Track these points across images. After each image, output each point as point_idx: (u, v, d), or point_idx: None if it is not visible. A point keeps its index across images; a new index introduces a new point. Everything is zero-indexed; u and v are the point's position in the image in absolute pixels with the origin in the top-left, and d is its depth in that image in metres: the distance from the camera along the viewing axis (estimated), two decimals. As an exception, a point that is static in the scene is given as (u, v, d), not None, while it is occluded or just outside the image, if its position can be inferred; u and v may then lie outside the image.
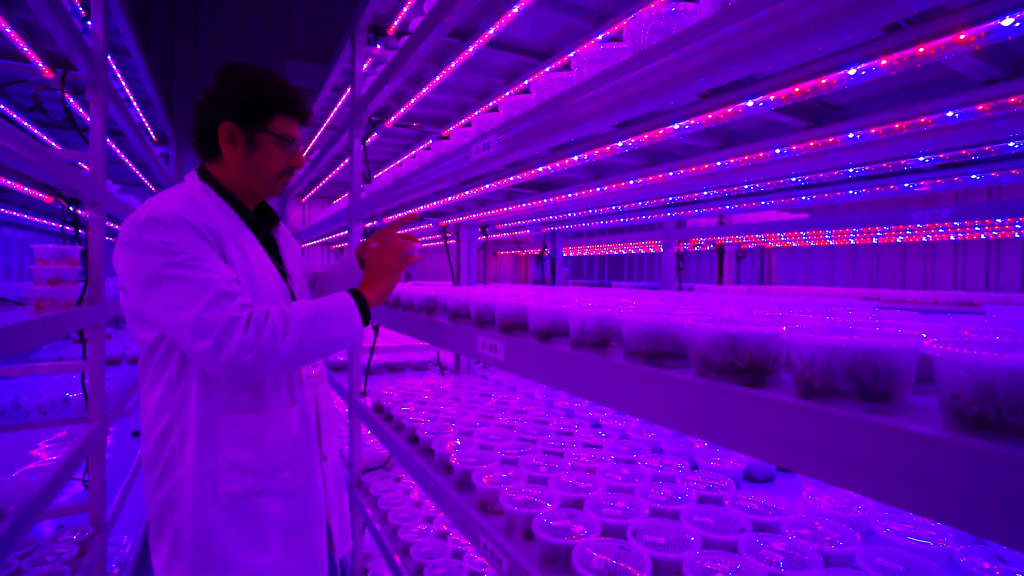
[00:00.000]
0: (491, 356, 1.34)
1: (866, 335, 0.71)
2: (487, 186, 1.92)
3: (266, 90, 1.32)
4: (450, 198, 2.22)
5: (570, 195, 2.01)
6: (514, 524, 1.39)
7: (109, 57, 2.97)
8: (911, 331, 0.77)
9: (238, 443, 1.28)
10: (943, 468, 0.50)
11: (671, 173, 1.54)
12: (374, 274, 1.41)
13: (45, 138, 3.37)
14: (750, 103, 0.98)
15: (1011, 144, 1.39)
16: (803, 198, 2.10)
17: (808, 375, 0.66)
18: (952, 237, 4.03)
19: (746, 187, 2.05)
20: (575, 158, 1.39)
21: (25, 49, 2.16)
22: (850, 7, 0.61)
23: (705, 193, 2.20)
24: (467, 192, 2.08)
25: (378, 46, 2.69)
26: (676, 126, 1.12)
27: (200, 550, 1.26)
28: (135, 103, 3.84)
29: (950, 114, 0.99)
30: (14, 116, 2.94)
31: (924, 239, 4.09)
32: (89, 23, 2.33)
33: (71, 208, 2.33)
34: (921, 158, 1.49)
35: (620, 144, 1.25)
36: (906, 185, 1.81)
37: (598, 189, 1.84)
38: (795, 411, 0.64)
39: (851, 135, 1.12)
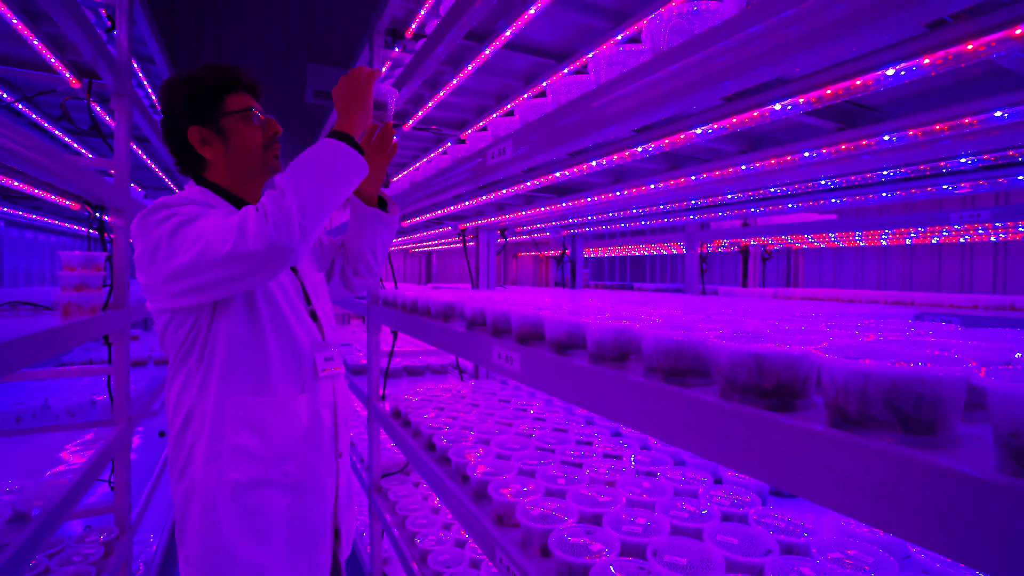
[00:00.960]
0: (507, 367, 1.31)
1: (907, 357, 0.65)
2: (504, 191, 1.89)
3: (202, 81, 1.35)
4: (467, 202, 2.20)
5: (589, 199, 1.97)
6: (530, 539, 1.35)
7: (136, 66, 3.03)
8: (955, 350, 0.72)
9: (243, 428, 1.28)
10: (998, 515, 0.45)
11: (693, 177, 1.48)
12: (341, 105, 1.36)
13: (75, 145, 3.46)
14: (777, 107, 0.92)
15: (1063, 144, 1.30)
16: (832, 201, 2.01)
17: (842, 401, 0.61)
18: (992, 238, 3.84)
19: (772, 190, 1.97)
20: (593, 163, 1.35)
21: (52, 61, 2.21)
22: (891, 2, 0.56)
23: (729, 196, 2.13)
24: (484, 197, 2.05)
25: (396, 49, 2.68)
26: (698, 131, 1.07)
27: (206, 541, 1.27)
28: (161, 110, 3.91)
29: (998, 114, 0.91)
30: (45, 125, 3.02)
31: (962, 240, 3.91)
32: (115, 33, 2.38)
33: (97, 214, 2.38)
34: (963, 159, 1.40)
35: (639, 149, 1.21)
36: (944, 187, 1.72)
37: (618, 193, 1.79)
38: (827, 442, 0.59)
39: (887, 138, 1.05)
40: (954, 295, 3.26)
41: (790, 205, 2.22)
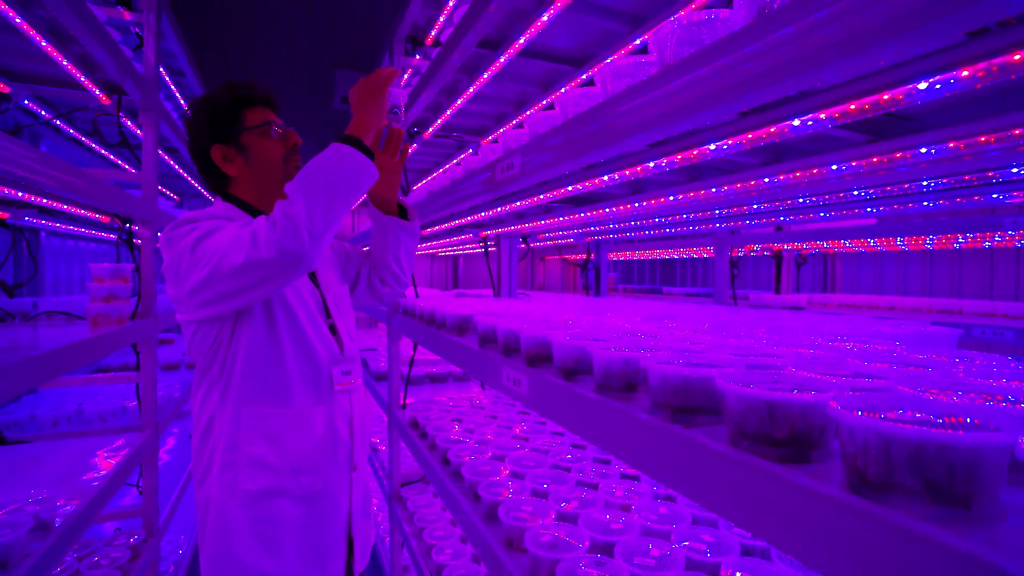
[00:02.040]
0: (516, 390, 1.26)
1: (942, 411, 0.58)
2: (519, 203, 1.85)
3: (220, 100, 1.37)
4: (483, 213, 2.16)
5: (607, 210, 1.91)
6: (538, 568, 1.30)
7: (167, 79, 3.11)
8: (1004, 395, 0.63)
9: (258, 438, 1.29)
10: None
11: (714, 189, 1.40)
12: (356, 106, 1.34)
13: (112, 157, 3.58)
14: (796, 122, 0.85)
15: None
16: (868, 210, 1.89)
17: (860, 463, 0.54)
18: (1051, 242, 3.57)
19: (801, 201, 1.86)
20: (605, 178, 1.30)
21: (82, 79, 2.28)
22: (931, 6, 0.48)
23: (755, 206, 2.03)
24: (499, 208, 2.01)
25: (416, 56, 2.67)
26: (712, 147, 1.00)
27: (218, 548, 1.28)
28: (193, 120, 4.02)
29: (1052, 126, 0.82)
30: (82, 139, 3.14)
31: (1018, 244, 3.65)
32: (143, 49, 2.43)
33: (126, 226, 2.44)
34: (1015, 169, 1.28)
35: (652, 164, 1.15)
36: (995, 196, 1.58)
37: (636, 204, 1.72)
38: (842, 509, 0.53)
39: (924, 150, 0.96)
40: (1008, 303, 3.04)
41: (822, 215, 2.10)
